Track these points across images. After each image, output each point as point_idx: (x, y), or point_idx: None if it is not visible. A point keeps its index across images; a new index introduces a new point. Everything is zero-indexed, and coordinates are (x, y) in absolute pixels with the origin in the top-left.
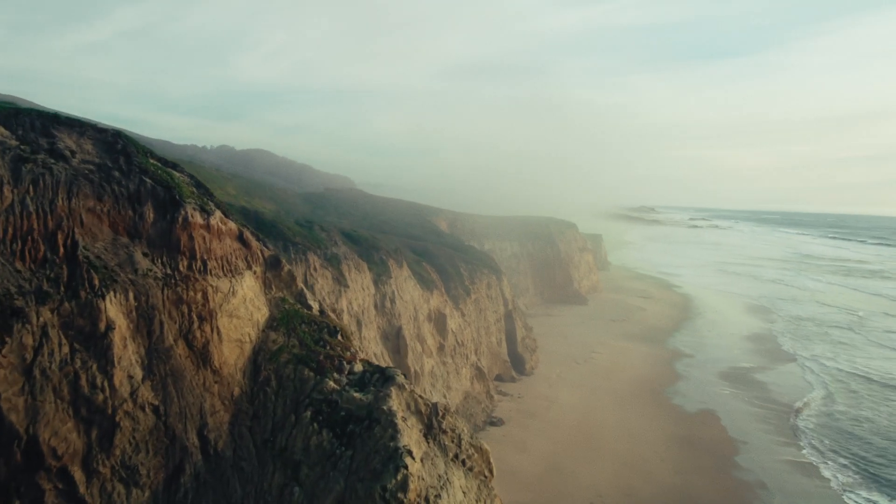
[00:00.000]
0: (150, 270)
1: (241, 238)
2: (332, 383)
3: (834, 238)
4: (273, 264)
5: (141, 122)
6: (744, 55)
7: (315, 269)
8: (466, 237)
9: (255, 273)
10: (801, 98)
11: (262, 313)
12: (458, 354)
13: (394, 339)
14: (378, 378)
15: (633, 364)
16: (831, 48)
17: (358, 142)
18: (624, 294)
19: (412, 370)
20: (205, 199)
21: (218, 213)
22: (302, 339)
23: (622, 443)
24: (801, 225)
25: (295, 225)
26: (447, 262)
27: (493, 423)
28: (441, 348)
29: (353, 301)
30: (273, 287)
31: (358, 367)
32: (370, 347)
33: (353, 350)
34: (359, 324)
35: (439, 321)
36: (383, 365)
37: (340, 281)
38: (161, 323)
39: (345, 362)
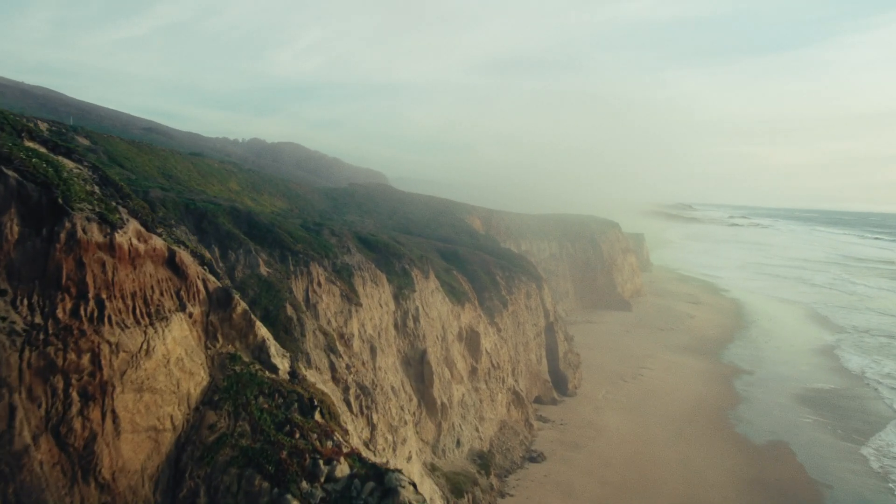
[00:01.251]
0: (4, 319)
1: (171, 263)
2: (296, 503)
3: (878, 238)
4: (221, 302)
5: (179, 115)
6: (783, 50)
7: (319, 285)
8: (502, 237)
9: (190, 316)
10: (843, 94)
11: (196, 381)
12: (493, 378)
13: (417, 365)
14: (374, 491)
15: (688, 382)
16: (873, 43)
17: (391, 136)
18: (669, 299)
19: (438, 402)
20: (111, 204)
21: (133, 226)
22: (257, 422)
23: (682, 484)
24: (843, 224)
25: (299, 229)
26: (481, 269)
27: (532, 459)
28: (473, 372)
29: (366, 322)
30: (219, 337)
31: (342, 470)
32: (386, 379)
33: (336, 439)
34: (373, 351)
35: (472, 341)
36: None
37: (351, 298)
38: (11, 408)
39: (321, 462)
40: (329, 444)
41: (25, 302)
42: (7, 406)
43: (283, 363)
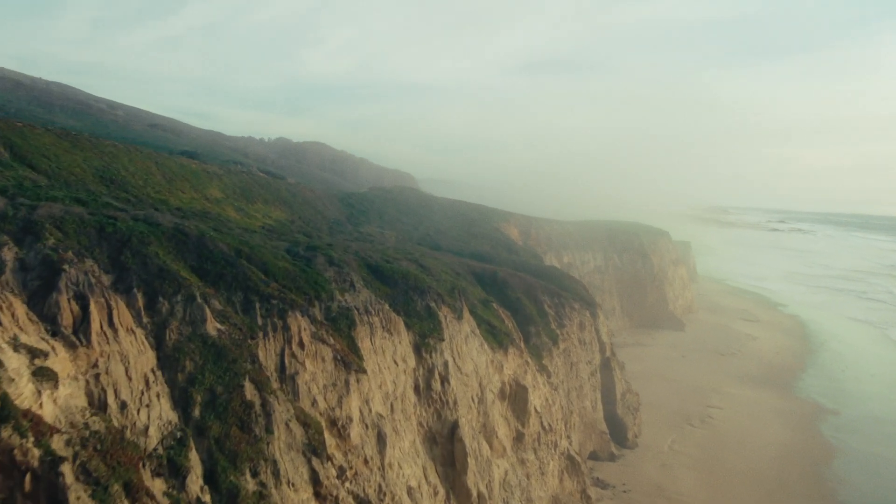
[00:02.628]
0: None
1: None
2: None
3: None
4: None
5: (211, 115)
6: (822, 50)
7: (301, 345)
8: (542, 248)
9: None
10: (883, 94)
11: None
12: (544, 444)
13: (445, 444)
14: None
15: (767, 426)
16: None
17: (420, 137)
18: (723, 315)
19: (474, 492)
20: None
21: None
22: None
23: None
24: (881, 229)
25: (282, 257)
26: (526, 295)
27: None
28: (519, 439)
29: (372, 396)
30: None
31: None
32: (401, 477)
33: None
34: (381, 439)
35: (517, 398)
36: None
37: (349, 363)
38: None
39: None
40: None
41: None
42: None
43: None
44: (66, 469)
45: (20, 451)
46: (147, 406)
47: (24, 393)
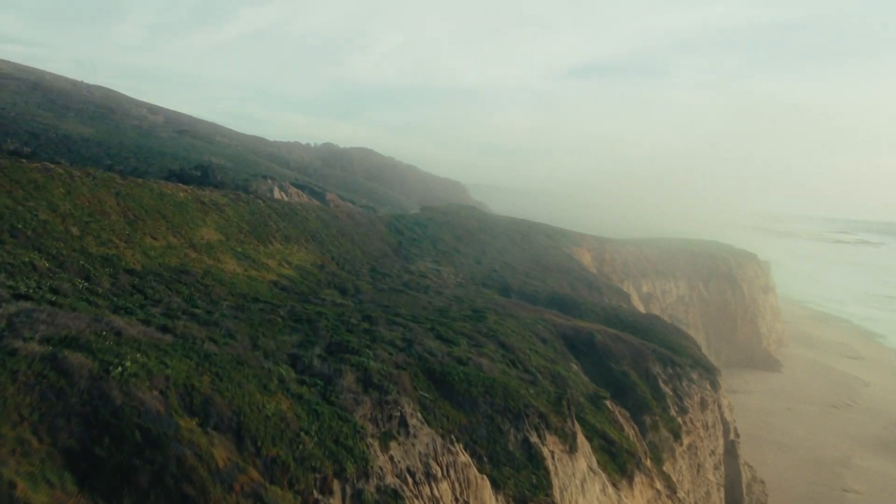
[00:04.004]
0: None
1: None
2: None
3: None
4: None
5: (261, 119)
6: (875, 55)
7: None
8: (618, 275)
9: None
10: None
11: None
12: None
13: None
14: None
15: None
16: None
17: (467, 141)
18: (820, 351)
19: None
20: None
21: None
22: None
23: None
24: None
25: (276, 387)
26: (634, 367)
27: None
28: None
29: None
30: None
31: None
32: None
33: None
34: None
35: None
36: None
37: None
38: None
39: None
40: None
41: None
42: None
43: None
44: None
45: None
46: None
47: None
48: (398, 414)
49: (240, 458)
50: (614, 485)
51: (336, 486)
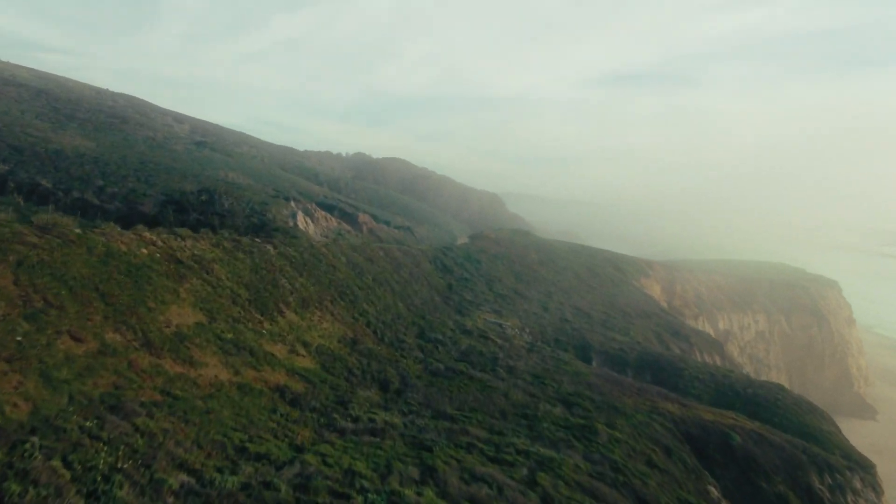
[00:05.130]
0: None
1: None
2: None
3: None
4: None
5: (293, 127)
6: None
7: None
8: (691, 308)
9: None
10: None
11: None
12: None
13: None
14: None
15: None
16: None
17: (500, 150)
18: None
19: None
20: None
21: None
22: None
23: None
24: None
25: None
26: (788, 482)
27: None
28: None
29: None
30: None
31: None
32: None
33: None
34: None
35: None
36: None
37: None
38: None
39: None
40: None
41: None
42: None
43: None
44: None
45: None
46: None
47: None
48: None
49: None
50: None
51: None
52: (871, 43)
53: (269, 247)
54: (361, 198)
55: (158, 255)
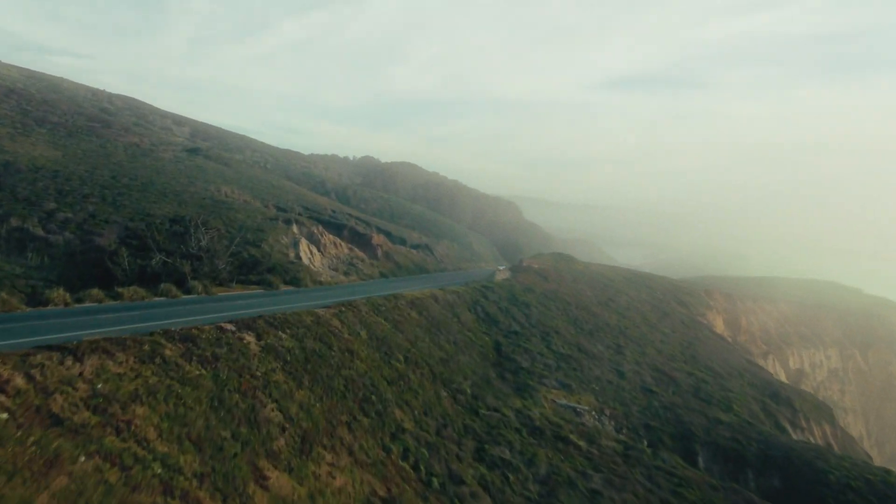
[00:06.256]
0: None
1: None
2: None
3: None
4: None
5: (300, 129)
6: None
7: None
8: (758, 344)
9: None
10: None
11: None
12: None
13: None
14: None
15: None
16: None
17: (510, 153)
18: None
19: None
20: None
21: None
22: None
23: None
24: None
25: None
26: None
27: None
28: None
29: None
30: None
31: None
32: None
33: None
34: None
35: None
36: None
37: None
38: None
39: None
40: None
41: None
42: None
43: None
44: None
45: None
46: None
47: None
48: None
49: None
50: None
51: None
52: (883, 46)
53: (250, 337)
54: (372, 208)
55: (19, 412)
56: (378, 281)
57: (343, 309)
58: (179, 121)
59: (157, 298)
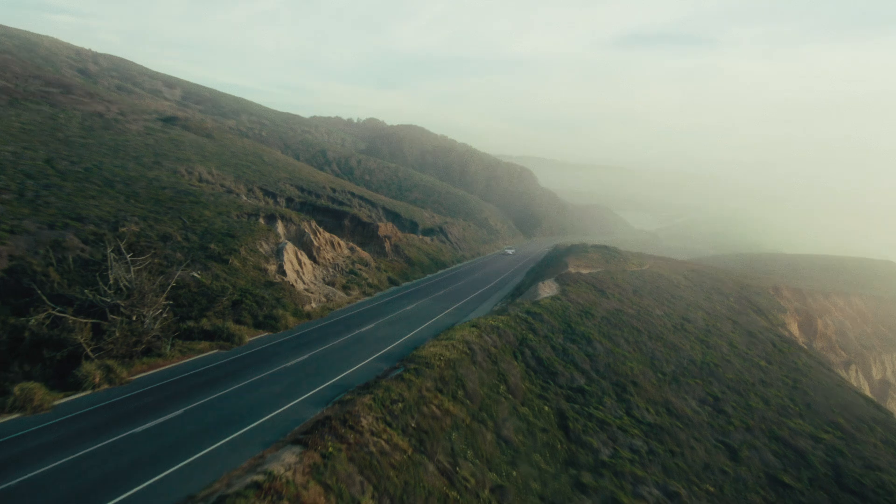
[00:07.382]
0: None
1: None
2: None
3: None
4: None
5: (303, 89)
6: None
7: None
8: (837, 353)
9: None
10: None
11: None
12: None
13: None
14: None
15: None
16: None
17: (517, 112)
18: None
19: None
20: None
21: None
22: None
23: None
24: None
25: None
26: None
27: None
28: None
29: None
30: None
31: None
32: None
33: None
34: None
35: None
36: None
37: None
38: None
39: None
40: None
41: None
42: None
43: None
44: None
45: None
46: None
47: None
48: None
49: None
50: None
51: None
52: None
53: None
54: (377, 180)
55: None
56: (386, 300)
57: (327, 439)
58: (170, 82)
59: None
